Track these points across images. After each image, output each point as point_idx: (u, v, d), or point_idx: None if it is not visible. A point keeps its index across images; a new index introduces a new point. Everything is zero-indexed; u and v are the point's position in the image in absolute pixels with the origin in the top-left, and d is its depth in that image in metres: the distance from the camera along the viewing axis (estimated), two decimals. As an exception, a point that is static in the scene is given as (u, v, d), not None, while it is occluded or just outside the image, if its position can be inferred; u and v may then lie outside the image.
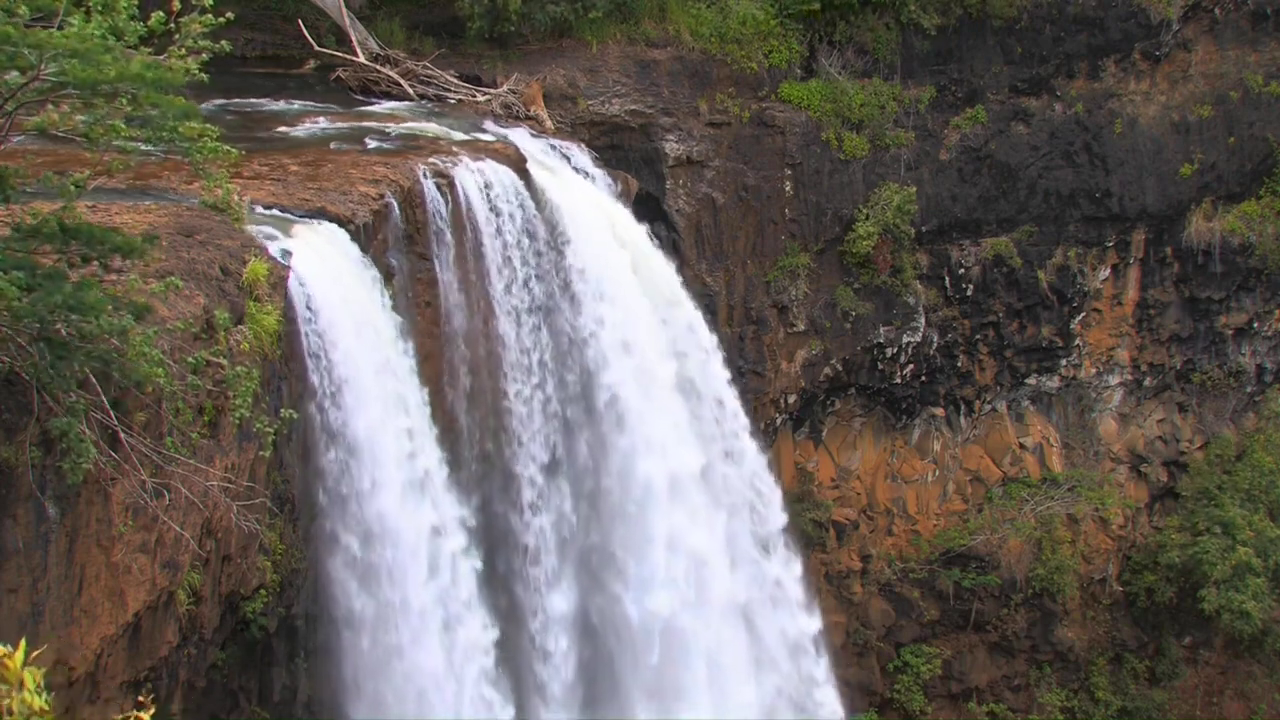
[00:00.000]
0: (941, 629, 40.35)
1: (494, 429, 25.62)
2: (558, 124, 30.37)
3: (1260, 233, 39.97)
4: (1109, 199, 38.65)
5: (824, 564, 38.39)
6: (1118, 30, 37.81)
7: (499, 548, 26.10)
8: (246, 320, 18.93)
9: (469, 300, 24.75)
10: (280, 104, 28.42)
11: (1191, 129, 39.07)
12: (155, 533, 16.89)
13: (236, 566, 19.37)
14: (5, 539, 15.23)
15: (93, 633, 16.48)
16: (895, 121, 35.77)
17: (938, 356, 38.62)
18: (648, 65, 32.63)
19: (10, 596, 15.39)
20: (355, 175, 23.58)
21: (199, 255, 18.72)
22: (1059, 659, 41.24)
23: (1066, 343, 40.13)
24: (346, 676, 21.94)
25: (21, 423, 15.07)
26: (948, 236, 37.60)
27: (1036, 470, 41.10)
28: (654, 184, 32.53)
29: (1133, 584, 41.68)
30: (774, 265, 34.72)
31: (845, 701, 33.20)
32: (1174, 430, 42.12)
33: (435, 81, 30.17)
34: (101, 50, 14.43)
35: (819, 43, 35.17)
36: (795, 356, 35.76)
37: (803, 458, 38.24)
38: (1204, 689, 42.18)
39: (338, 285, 21.21)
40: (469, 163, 25.15)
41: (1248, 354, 41.73)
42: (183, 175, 21.37)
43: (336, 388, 20.78)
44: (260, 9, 31.42)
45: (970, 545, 39.87)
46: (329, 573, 21.67)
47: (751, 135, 33.85)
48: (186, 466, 16.78)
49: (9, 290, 13.99)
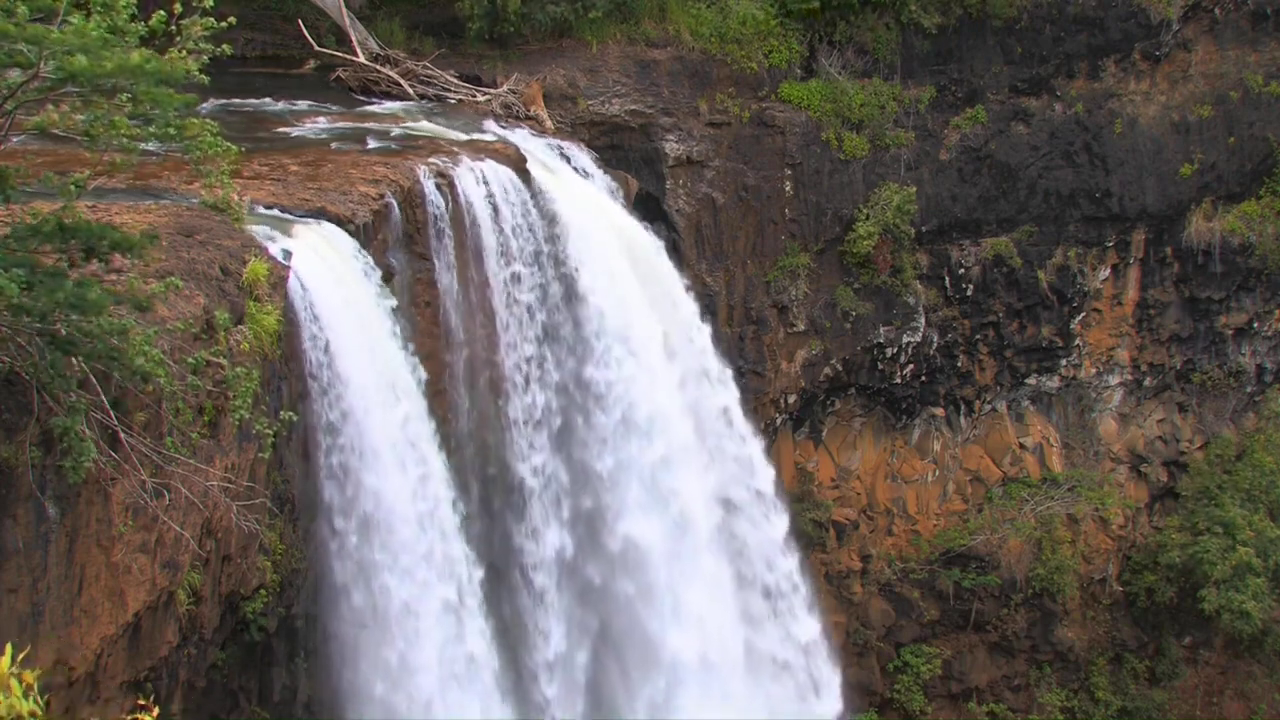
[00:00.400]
0: (941, 629, 40.35)
1: (494, 428, 25.61)
2: (558, 124, 30.37)
3: (1260, 233, 39.97)
4: (1109, 199, 38.65)
5: (824, 564, 38.38)
6: (1118, 30, 37.80)
7: (499, 548, 26.11)
8: (246, 320, 18.92)
9: (469, 300, 24.75)
10: (280, 104, 28.41)
11: (1191, 129, 39.07)
12: (155, 533, 16.88)
13: (236, 566, 19.37)
14: (5, 539, 15.22)
15: (93, 633, 16.47)
16: (895, 121, 35.77)
17: (938, 356, 38.62)
18: (648, 65, 32.63)
19: (10, 596, 15.38)
20: (355, 175, 23.57)
21: (199, 255, 18.70)
22: (1059, 659, 41.23)
23: (1066, 343, 40.14)
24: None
25: (21, 422, 15.06)
26: (948, 236, 37.60)
27: (1036, 470, 41.10)
28: (654, 184, 32.53)
29: (1133, 584, 41.68)
30: (774, 265, 34.72)
31: (845, 702, 33.22)
32: (1174, 430, 42.12)
33: (435, 81, 30.17)
34: (101, 45, 14.41)
35: (819, 43, 35.17)
36: (795, 356, 35.76)
37: (803, 458, 38.24)
38: (1204, 689, 42.18)
39: (338, 285, 21.19)
40: (469, 163, 25.14)
41: (1248, 354, 41.73)
42: (183, 175, 21.36)
43: (336, 387, 20.77)
44: (260, 9, 31.42)
45: (970, 545, 39.87)
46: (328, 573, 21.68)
47: (751, 135, 33.85)
48: (186, 466, 16.77)
49: (9, 288, 13.96)
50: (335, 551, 21.47)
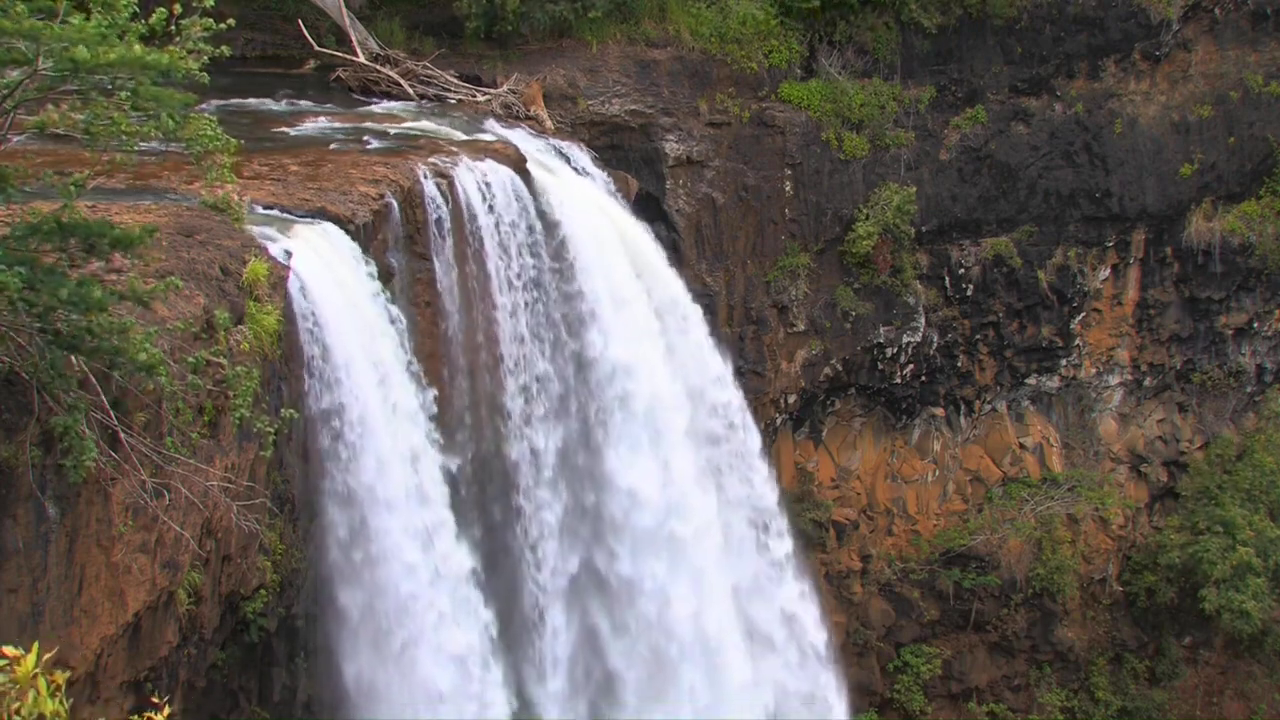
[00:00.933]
0: (941, 629, 40.35)
1: (494, 428, 25.62)
2: (558, 124, 30.37)
3: (1260, 233, 39.98)
4: (1109, 199, 38.65)
5: (824, 564, 38.38)
6: (1118, 30, 37.81)
7: (499, 547, 26.12)
8: (246, 320, 18.92)
9: (469, 299, 24.75)
10: (280, 104, 28.42)
11: (1191, 129, 39.08)
12: (155, 533, 16.88)
13: (236, 566, 19.36)
14: (5, 539, 15.21)
15: (93, 633, 16.46)
16: (895, 121, 35.77)
17: (938, 356, 38.62)
18: (648, 65, 32.63)
19: (10, 596, 15.37)
20: (355, 175, 23.56)
21: (199, 255, 18.70)
22: (1059, 659, 41.24)
23: (1066, 343, 40.14)
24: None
25: (21, 422, 15.05)
26: (948, 236, 37.60)
27: (1036, 470, 41.10)
28: (654, 184, 32.53)
29: (1133, 584, 41.68)
30: (774, 265, 34.72)
31: (846, 702, 33.24)
32: (1174, 430, 42.12)
33: (435, 81, 30.17)
34: (100, 41, 14.38)
35: (819, 43, 35.16)
36: (795, 356, 35.76)
37: (803, 458, 38.25)
38: (1204, 689, 42.18)
39: (338, 285, 21.19)
40: (469, 163, 25.13)
41: (1248, 354, 41.73)
42: (183, 175, 21.36)
43: (336, 387, 20.77)
44: (260, 9, 31.41)
45: (970, 545, 39.87)
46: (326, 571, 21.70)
47: (751, 135, 33.85)
48: (186, 466, 16.76)
49: (11, 283, 13.93)
50: (333, 546, 21.48)
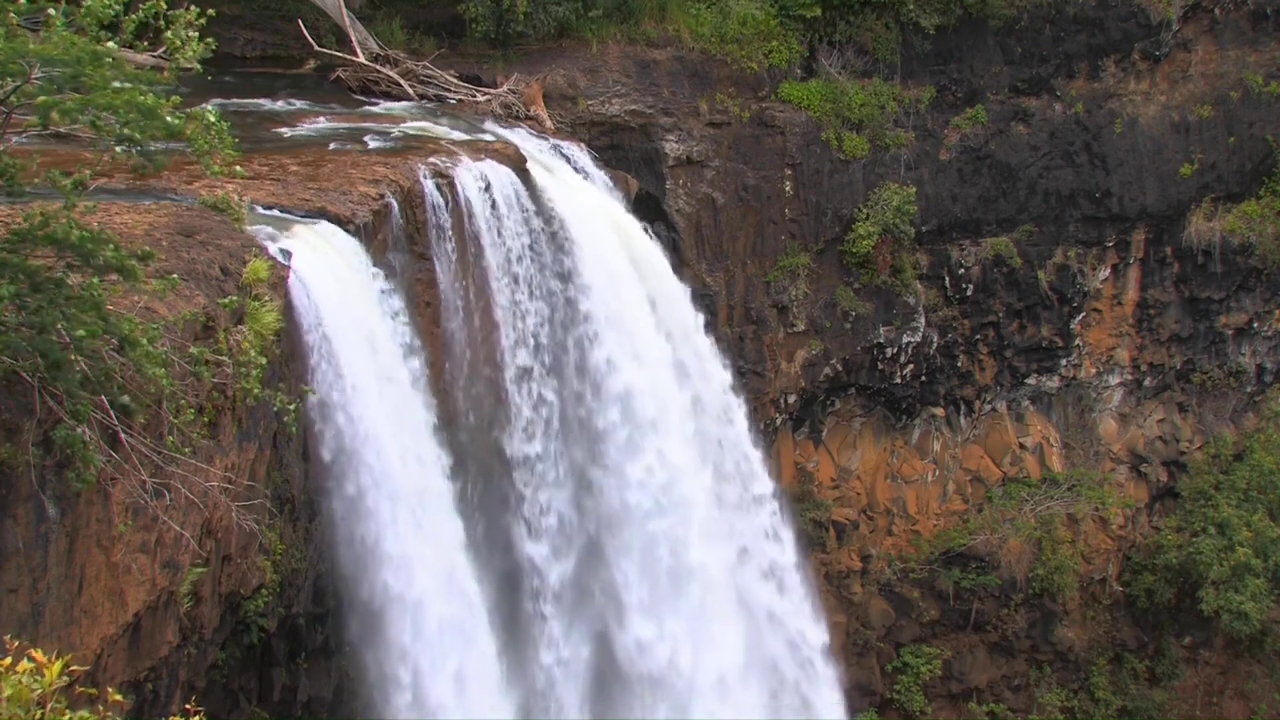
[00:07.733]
0: (941, 629, 40.36)
1: (495, 427, 25.63)
2: (558, 124, 30.37)
3: (1260, 233, 39.98)
4: (1109, 199, 38.66)
5: (824, 564, 38.39)
6: (1117, 30, 37.81)
7: (500, 547, 26.14)
8: (246, 320, 18.91)
9: (469, 300, 24.75)
10: (280, 104, 28.40)
11: (1191, 129, 39.08)
12: (155, 533, 16.86)
13: (236, 566, 19.36)
14: (5, 539, 15.19)
15: (93, 633, 16.44)
16: (895, 121, 35.77)
17: (938, 356, 38.62)
18: (648, 65, 32.63)
19: (10, 596, 15.35)
20: (355, 175, 23.56)
21: (199, 255, 18.68)
22: (1059, 659, 41.24)
23: (1066, 343, 40.14)
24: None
25: (22, 423, 15.04)
26: (948, 236, 37.61)
27: (1036, 470, 41.10)
28: (654, 184, 32.54)
29: (1133, 584, 41.68)
30: (774, 265, 34.73)
31: (846, 702, 33.25)
32: (1174, 430, 42.13)
33: (435, 81, 30.16)
34: (90, 60, 14.34)
35: (819, 43, 35.17)
36: (795, 356, 35.77)
37: (803, 458, 38.25)
38: (1204, 689, 42.19)
39: (338, 285, 21.19)
40: (469, 163, 25.13)
41: (1248, 354, 41.73)
42: (183, 175, 21.36)
43: (336, 386, 20.77)
44: (260, 9, 31.43)
45: (970, 545, 39.88)
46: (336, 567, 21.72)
47: (751, 135, 33.85)
48: (186, 466, 16.74)
49: (3, 293, 13.92)
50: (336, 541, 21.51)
